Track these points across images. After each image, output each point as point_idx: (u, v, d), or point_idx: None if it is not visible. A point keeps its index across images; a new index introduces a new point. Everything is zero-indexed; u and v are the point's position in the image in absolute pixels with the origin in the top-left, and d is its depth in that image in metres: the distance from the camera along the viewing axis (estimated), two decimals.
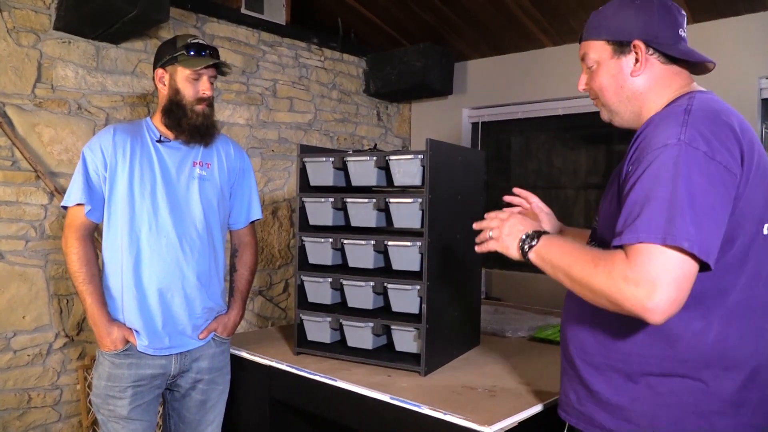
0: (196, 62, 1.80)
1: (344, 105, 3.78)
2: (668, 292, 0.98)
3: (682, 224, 0.98)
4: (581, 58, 1.32)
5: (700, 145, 1.03)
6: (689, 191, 1.00)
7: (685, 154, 1.03)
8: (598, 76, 1.28)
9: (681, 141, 1.04)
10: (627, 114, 1.28)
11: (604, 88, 1.27)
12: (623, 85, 1.25)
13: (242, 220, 2.05)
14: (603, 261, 1.06)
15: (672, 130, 1.06)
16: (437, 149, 1.80)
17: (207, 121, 1.85)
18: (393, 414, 1.59)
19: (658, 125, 1.10)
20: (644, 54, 1.21)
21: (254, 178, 2.07)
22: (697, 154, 1.03)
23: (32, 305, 2.47)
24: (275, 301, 3.41)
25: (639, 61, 1.22)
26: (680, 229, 0.98)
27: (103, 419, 1.78)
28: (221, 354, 1.94)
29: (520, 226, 1.28)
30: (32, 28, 2.46)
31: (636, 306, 1.00)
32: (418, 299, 1.80)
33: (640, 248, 1.01)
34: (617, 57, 1.24)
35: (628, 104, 1.26)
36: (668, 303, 0.98)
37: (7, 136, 2.37)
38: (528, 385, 1.71)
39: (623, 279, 1.01)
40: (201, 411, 1.91)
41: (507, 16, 3.24)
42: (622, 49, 1.23)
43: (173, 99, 1.81)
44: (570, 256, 1.15)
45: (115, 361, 1.75)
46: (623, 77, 1.24)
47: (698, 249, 0.98)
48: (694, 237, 0.98)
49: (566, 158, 3.68)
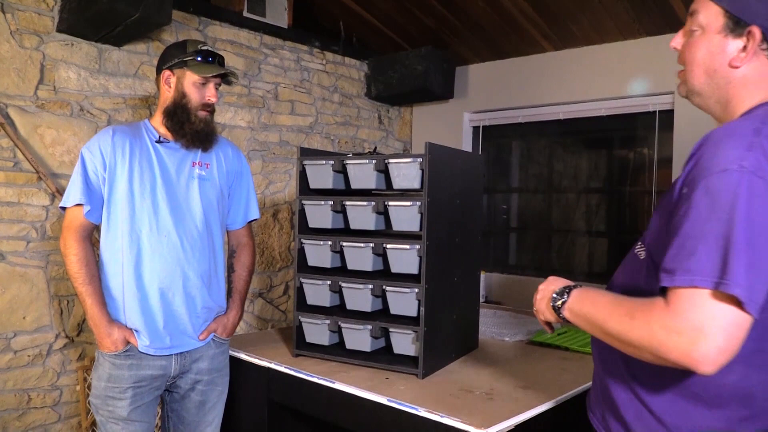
0: (206, 69, 1.82)
1: (345, 108, 3.79)
2: (716, 340, 0.87)
3: (737, 268, 0.87)
4: (690, 12, 1.12)
5: (766, 174, 0.90)
6: (749, 229, 0.88)
7: (747, 185, 0.89)
8: (695, 46, 1.10)
9: (744, 168, 0.90)
10: (712, 100, 1.12)
11: (695, 62, 1.10)
12: (718, 69, 1.08)
13: (240, 220, 2.06)
14: (640, 312, 0.96)
15: (734, 152, 0.92)
16: (436, 153, 1.81)
17: (208, 127, 1.87)
18: (391, 416, 1.60)
19: (719, 143, 0.95)
20: (756, 45, 1.04)
21: (251, 179, 2.09)
22: (759, 184, 0.89)
23: (33, 306, 2.48)
24: (275, 303, 3.41)
25: (747, 51, 1.04)
26: (736, 274, 0.87)
27: (102, 420, 1.78)
28: (221, 355, 1.95)
29: (552, 285, 1.21)
30: (35, 30, 2.47)
31: (681, 357, 0.90)
32: (417, 302, 1.80)
33: (685, 293, 0.90)
34: (725, 35, 1.06)
35: (716, 91, 1.10)
36: (717, 352, 0.88)
37: (10, 137, 2.38)
38: (525, 388, 1.72)
39: (664, 329, 0.91)
40: (200, 412, 1.91)
41: (508, 21, 3.25)
42: (735, 28, 1.05)
43: (178, 102, 1.82)
44: (604, 309, 1.04)
45: (115, 362, 1.75)
46: (721, 61, 1.07)
47: (746, 297, 0.87)
48: (746, 283, 0.87)
49: (567, 162, 3.68)
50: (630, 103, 3.21)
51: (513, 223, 3.95)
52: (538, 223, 3.78)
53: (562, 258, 3.66)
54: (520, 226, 3.91)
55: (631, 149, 3.43)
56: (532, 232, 3.83)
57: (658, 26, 2.95)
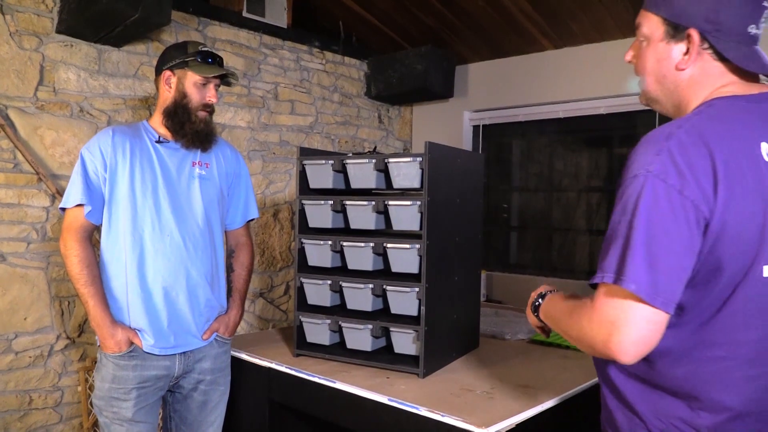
0: (207, 69, 1.83)
1: (345, 108, 3.79)
2: (628, 333, 0.95)
3: (632, 266, 0.95)
4: (636, 26, 1.18)
5: (669, 177, 0.96)
6: (648, 230, 0.95)
7: (650, 188, 0.96)
8: (644, 57, 1.16)
9: (649, 173, 0.97)
10: (668, 105, 1.17)
11: (647, 71, 1.16)
12: (666, 74, 1.12)
13: (239, 219, 2.07)
14: (577, 309, 1.08)
15: (644, 158, 1.00)
16: (436, 152, 1.81)
17: (208, 127, 1.88)
18: (391, 416, 1.60)
19: (638, 148, 1.04)
20: (697, 47, 1.07)
21: (250, 179, 2.10)
22: (662, 187, 0.96)
23: (34, 307, 2.48)
24: (276, 303, 3.42)
25: (689, 53, 1.08)
26: (630, 271, 0.94)
27: (106, 422, 1.77)
28: (223, 354, 1.95)
29: (536, 292, 1.33)
30: (35, 32, 2.47)
31: (603, 348, 0.98)
32: (417, 301, 1.80)
33: (601, 289, 1.00)
34: (667, 41, 1.11)
35: (670, 95, 1.14)
36: (630, 343, 0.95)
37: (9, 138, 2.38)
38: (526, 387, 1.72)
39: (589, 323, 1.01)
40: (203, 412, 1.91)
41: (508, 20, 3.25)
42: (675, 33, 1.09)
43: (179, 102, 1.83)
44: (560, 309, 1.17)
45: (119, 363, 1.75)
46: (668, 66, 1.11)
47: (645, 293, 0.93)
48: (643, 279, 0.93)
49: (567, 161, 3.68)
50: (630, 101, 3.21)
51: (514, 221, 3.94)
52: (538, 222, 3.78)
53: (563, 257, 3.66)
54: (521, 225, 3.91)
55: (631, 147, 3.41)
56: (532, 230, 3.83)
57: None
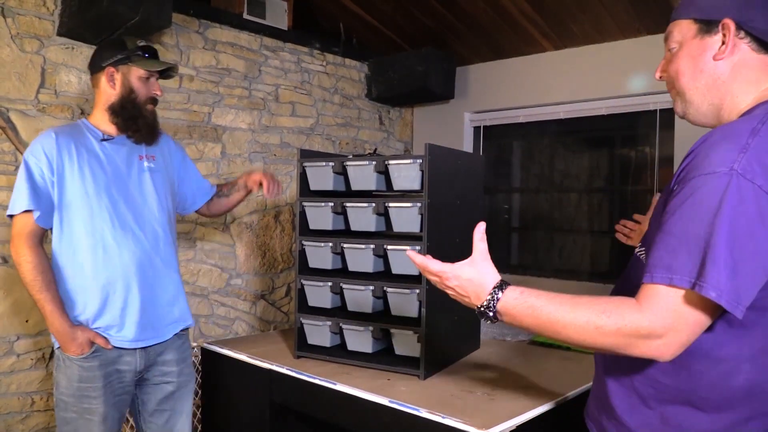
0: (151, 64, 1.87)
1: (346, 109, 3.79)
2: (681, 337, 0.93)
3: (714, 272, 0.88)
4: (665, 38, 1.15)
5: (757, 177, 0.89)
6: (731, 233, 0.88)
7: (735, 188, 0.89)
8: (677, 59, 1.11)
9: (733, 170, 0.90)
10: (704, 106, 1.10)
11: (680, 71, 1.10)
12: (703, 68, 1.07)
13: (206, 191, 2.18)
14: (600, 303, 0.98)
15: (727, 155, 0.92)
16: (436, 154, 1.81)
17: (156, 121, 1.94)
18: (392, 417, 1.60)
19: (714, 144, 0.95)
20: (732, 35, 1.04)
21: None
22: (748, 188, 0.89)
23: (35, 309, 2.47)
24: (277, 305, 3.42)
25: (726, 43, 1.04)
26: (712, 278, 0.88)
27: (73, 416, 1.76)
28: (183, 345, 1.98)
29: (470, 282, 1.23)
30: (36, 34, 2.48)
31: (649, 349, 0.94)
32: (418, 303, 1.80)
33: (662, 290, 0.93)
34: (701, 37, 1.07)
35: (707, 93, 1.08)
36: (679, 347, 0.94)
37: (11, 140, 2.39)
38: (527, 388, 1.72)
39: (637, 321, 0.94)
40: (170, 402, 1.94)
41: (508, 21, 3.25)
42: (708, 28, 1.06)
43: (127, 98, 1.85)
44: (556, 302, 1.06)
45: (84, 365, 1.76)
46: (704, 60, 1.07)
47: (726, 300, 0.88)
48: (726, 287, 0.88)
49: (569, 162, 3.68)
50: (631, 101, 3.21)
51: (515, 222, 3.94)
52: (539, 223, 3.78)
53: (564, 257, 3.66)
54: (522, 226, 3.91)
55: (632, 148, 3.42)
56: (533, 231, 3.82)
57: (659, 25, 2.94)
